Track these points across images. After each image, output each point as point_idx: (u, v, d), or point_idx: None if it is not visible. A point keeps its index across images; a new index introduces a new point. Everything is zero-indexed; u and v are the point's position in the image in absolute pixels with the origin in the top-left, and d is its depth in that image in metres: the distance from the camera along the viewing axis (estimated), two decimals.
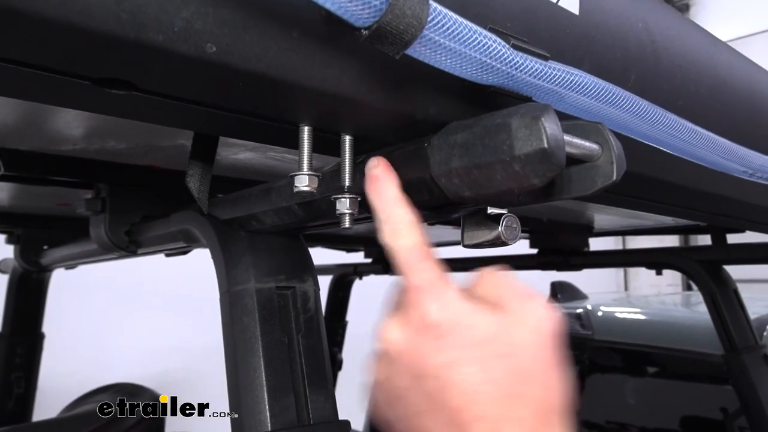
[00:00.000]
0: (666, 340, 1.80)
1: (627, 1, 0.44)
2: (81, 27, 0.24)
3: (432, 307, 0.34)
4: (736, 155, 0.50)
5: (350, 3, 0.24)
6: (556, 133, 0.30)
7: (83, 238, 1.23)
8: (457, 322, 0.34)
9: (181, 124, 0.39)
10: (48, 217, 1.30)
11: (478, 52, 0.30)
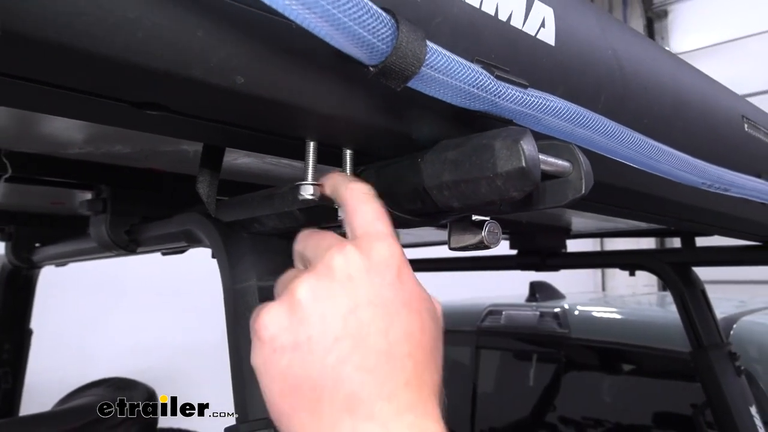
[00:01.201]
0: (639, 338, 1.87)
1: (598, 31, 0.49)
2: (133, 63, 0.29)
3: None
4: (695, 168, 0.56)
5: (362, 46, 0.29)
6: (532, 153, 0.35)
7: (77, 236, 1.26)
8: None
9: (201, 138, 0.44)
10: (41, 215, 1.33)
11: (466, 83, 0.35)
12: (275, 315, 0.36)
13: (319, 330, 0.35)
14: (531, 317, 2.04)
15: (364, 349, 0.35)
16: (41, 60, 0.28)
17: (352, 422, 0.34)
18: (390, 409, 0.34)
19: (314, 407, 0.34)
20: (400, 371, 0.35)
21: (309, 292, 0.36)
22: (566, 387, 2.33)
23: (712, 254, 1.30)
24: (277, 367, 0.35)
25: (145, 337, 3.20)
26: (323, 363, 0.34)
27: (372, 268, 0.36)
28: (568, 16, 0.46)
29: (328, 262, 0.36)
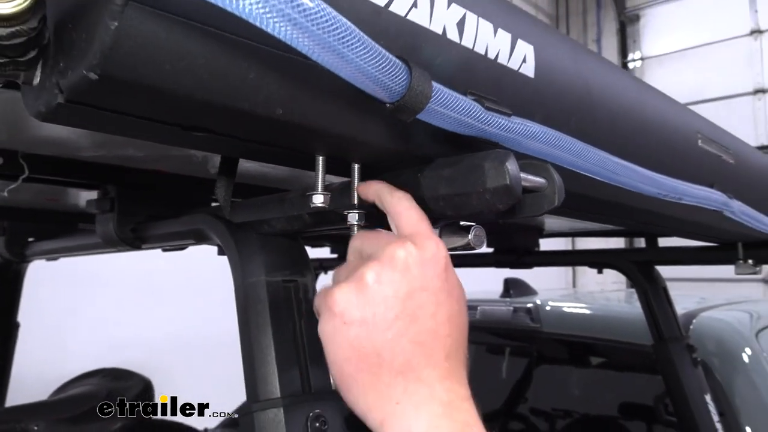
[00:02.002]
0: (607, 332, 1.97)
1: (571, 63, 0.57)
2: (198, 99, 0.35)
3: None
4: (651, 181, 0.64)
5: (383, 88, 0.36)
6: (515, 173, 0.43)
7: (71, 231, 1.31)
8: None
9: (227, 152, 0.50)
10: (35, 211, 1.36)
11: (462, 115, 0.42)
12: (346, 293, 0.44)
13: (383, 309, 0.43)
14: (505, 312, 2.13)
15: (417, 327, 0.43)
16: (123, 97, 0.35)
17: (405, 383, 0.42)
18: (434, 374, 0.43)
19: (375, 371, 0.42)
20: (442, 346, 0.44)
21: (375, 277, 0.43)
22: (537, 379, 2.44)
23: (673, 254, 1.40)
24: (346, 337, 0.43)
25: (125, 331, 3.22)
26: (384, 336, 0.43)
27: (425, 261, 0.45)
28: (546, 52, 0.53)
29: (391, 253, 0.44)
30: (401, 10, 0.40)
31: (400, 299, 0.43)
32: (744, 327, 1.86)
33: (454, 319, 0.45)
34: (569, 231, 1.72)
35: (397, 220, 0.48)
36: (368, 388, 0.43)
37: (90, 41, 0.31)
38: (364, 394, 0.43)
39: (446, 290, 0.46)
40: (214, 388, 2.81)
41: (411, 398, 0.42)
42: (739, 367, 1.71)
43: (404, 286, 0.44)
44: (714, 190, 0.80)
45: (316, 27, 0.32)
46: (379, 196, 0.49)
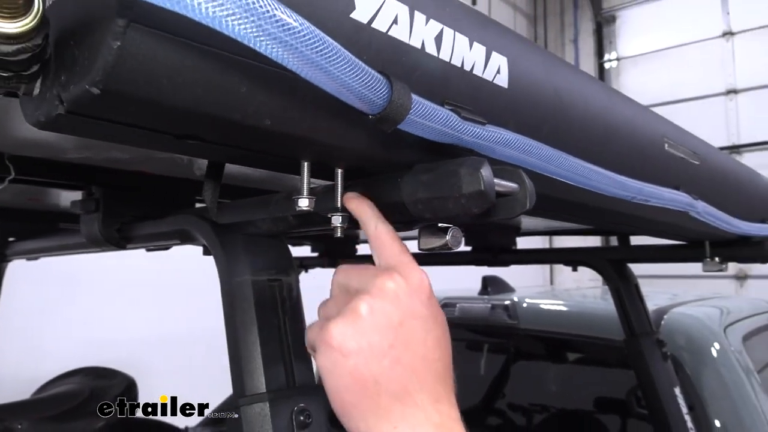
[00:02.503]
0: (582, 328, 2.02)
1: (543, 73, 0.60)
2: (193, 111, 0.38)
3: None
4: (620, 184, 0.68)
5: (366, 102, 0.39)
6: (489, 179, 0.46)
7: (52, 231, 1.31)
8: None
9: (217, 158, 0.53)
10: (16, 210, 1.37)
11: (439, 124, 0.45)
12: (342, 327, 0.46)
13: (378, 338, 0.46)
14: (483, 309, 2.17)
15: (410, 354, 0.46)
16: (121, 109, 0.37)
17: (402, 407, 0.45)
18: (427, 398, 0.46)
19: (374, 397, 0.45)
20: (434, 371, 0.47)
21: (368, 309, 0.46)
22: (515, 374, 2.48)
23: (644, 252, 1.45)
24: (345, 367, 0.46)
25: (102, 330, 3.20)
26: (381, 364, 0.46)
27: (412, 291, 0.48)
28: (519, 63, 0.56)
29: (381, 285, 0.47)
30: (383, 26, 0.43)
31: (393, 328, 0.47)
32: (713, 322, 1.92)
33: (441, 344, 0.49)
34: (545, 230, 1.76)
35: (380, 251, 0.51)
36: (368, 414, 0.46)
37: (93, 59, 0.33)
38: (365, 419, 0.46)
39: (432, 317, 0.49)
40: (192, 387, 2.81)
41: (407, 421, 0.45)
42: (708, 361, 1.77)
43: (396, 315, 0.47)
44: (680, 192, 0.84)
45: (303, 46, 0.35)
46: (363, 221, 0.52)
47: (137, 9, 0.31)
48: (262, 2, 0.33)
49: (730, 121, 6.76)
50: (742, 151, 6.65)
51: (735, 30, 6.86)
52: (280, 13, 0.34)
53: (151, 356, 3.27)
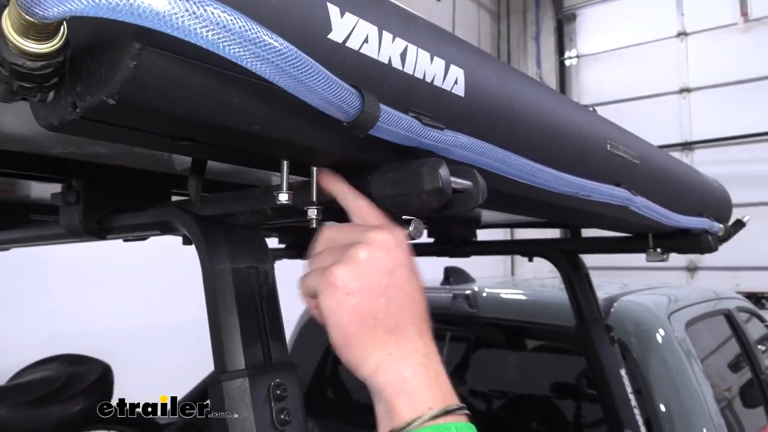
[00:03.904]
0: (538, 316, 2.12)
1: (496, 83, 0.68)
2: (191, 118, 0.44)
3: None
4: (564, 181, 0.76)
5: (341, 112, 0.46)
6: (446, 178, 0.53)
7: (29, 223, 1.34)
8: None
9: (205, 157, 0.58)
10: None
11: (404, 130, 0.52)
12: (344, 270, 0.54)
13: (376, 280, 0.54)
14: (445, 299, 2.25)
15: (401, 294, 0.55)
16: (129, 116, 0.43)
17: (396, 338, 0.54)
18: (416, 332, 0.55)
19: (372, 330, 0.53)
20: (418, 310, 0.56)
21: (367, 255, 0.54)
22: (475, 361, 2.58)
23: (594, 244, 1.56)
24: (348, 305, 0.53)
25: (67, 323, 3.18)
26: (379, 302, 0.54)
27: (398, 243, 0.56)
28: (474, 74, 0.64)
29: (374, 237, 0.55)
30: (355, 45, 0.50)
31: (387, 272, 0.54)
32: (659, 309, 2.04)
33: (420, 288, 0.58)
34: (504, 222, 1.85)
35: (364, 215, 0.59)
36: (366, 344, 0.53)
37: (111, 74, 0.39)
38: (363, 349, 0.54)
39: (413, 267, 0.58)
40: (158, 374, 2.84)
41: (400, 350, 0.53)
42: (653, 346, 1.88)
43: (389, 262, 0.55)
44: (620, 188, 0.93)
45: (286, 65, 0.41)
46: (341, 197, 0.60)
47: (151, 34, 0.37)
48: (253, 29, 0.39)
49: (683, 118, 7.02)
50: (694, 148, 6.91)
51: (689, 31, 7.12)
52: (267, 37, 0.40)
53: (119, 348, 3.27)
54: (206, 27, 0.37)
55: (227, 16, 0.37)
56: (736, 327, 2.51)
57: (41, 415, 1.15)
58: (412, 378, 0.53)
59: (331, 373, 2.70)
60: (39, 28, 0.37)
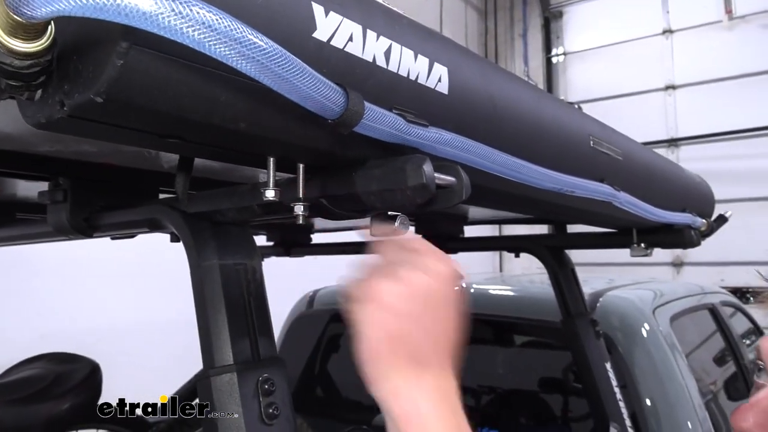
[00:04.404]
0: (526, 312, 2.14)
1: (480, 81, 0.69)
2: (178, 116, 0.44)
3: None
4: (547, 177, 0.77)
5: (326, 110, 0.47)
6: (430, 174, 0.54)
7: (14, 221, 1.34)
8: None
9: (192, 154, 0.59)
10: None
11: (388, 127, 0.53)
12: (391, 287, 0.54)
13: (419, 307, 0.55)
14: None
15: (437, 328, 0.55)
16: (116, 114, 0.43)
17: (419, 369, 0.54)
18: (439, 367, 0.55)
19: (399, 354, 0.54)
20: (447, 348, 0.56)
21: (420, 281, 0.55)
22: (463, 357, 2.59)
23: (579, 239, 1.58)
24: (384, 321, 0.54)
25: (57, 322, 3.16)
26: (413, 329, 0.54)
27: (452, 278, 0.57)
28: (458, 72, 0.65)
29: (433, 266, 0.56)
30: (340, 44, 0.50)
31: (434, 305, 0.55)
32: (645, 304, 2.06)
33: (457, 328, 0.58)
34: (490, 219, 1.86)
35: (422, 247, 0.60)
36: (389, 366, 0.54)
37: (98, 73, 0.40)
38: (385, 370, 0.54)
39: (458, 305, 0.58)
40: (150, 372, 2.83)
41: (420, 382, 0.53)
42: (639, 340, 1.90)
43: (438, 294, 0.56)
44: (603, 184, 0.95)
45: (272, 63, 0.42)
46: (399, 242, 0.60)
47: (138, 34, 0.38)
48: (238, 28, 0.40)
49: (669, 115, 7.08)
50: (679, 144, 6.98)
51: (674, 28, 7.18)
52: (252, 36, 0.41)
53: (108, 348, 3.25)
54: (192, 26, 0.37)
55: (213, 16, 0.38)
56: (721, 321, 2.55)
57: (29, 414, 1.15)
58: (426, 410, 0.53)
59: (319, 371, 2.71)
60: (27, 27, 0.37)
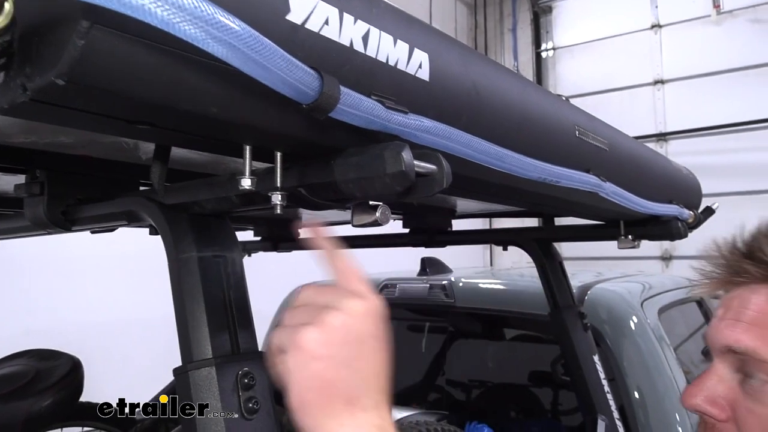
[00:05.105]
0: (514, 305, 2.13)
1: (462, 68, 0.68)
2: (147, 100, 0.43)
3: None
4: (531, 166, 0.76)
5: (299, 93, 0.45)
6: (410, 161, 0.53)
7: None
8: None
9: (167, 142, 0.58)
10: None
11: (366, 113, 0.52)
12: (316, 334, 0.54)
13: (344, 350, 0.54)
14: (421, 289, 2.26)
15: (366, 367, 0.55)
16: (80, 97, 0.42)
17: (351, 410, 0.53)
18: (372, 405, 0.54)
19: (330, 398, 0.53)
20: (379, 384, 0.56)
21: (340, 323, 0.54)
22: (453, 352, 2.60)
23: (567, 231, 1.57)
24: (311, 369, 0.53)
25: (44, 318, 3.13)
26: (342, 371, 0.54)
27: (373, 314, 0.56)
28: (439, 59, 0.63)
29: (351, 305, 0.56)
30: (315, 27, 0.49)
31: (357, 343, 0.55)
32: (632, 297, 2.07)
33: (386, 361, 0.57)
34: (479, 212, 1.86)
35: (345, 276, 0.59)
36: (321, 412, 0.53)
37: (59, 54, 0.38)
38: (317, 416, 0.53)
39: (383, 338, 0.57)
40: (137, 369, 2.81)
41: (354, 421, 0.53)
42: (627, 333, 1.90)
43: (361, 332, 0.55)
44: (589, 174, 0.94)
45: (242, 45, 0.41)
46: (327, 251, 0.60)
47: (100, 12, 0.37)
48: (207, 9, 0.38)
49: (657, 110, 7.09)
50: (668, 139, 7.00)
51: (663, 23, 7.19)
52: (222, 17, 0.39)
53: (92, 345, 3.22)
54: (157, 4, 0.36)
55: None
56: (709, 314, 2.56)
57: (9, 411, 1.13)
58: None
59: None
60: None
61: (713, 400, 0.69)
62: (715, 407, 0.69)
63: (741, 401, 0.67)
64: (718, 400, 0.69)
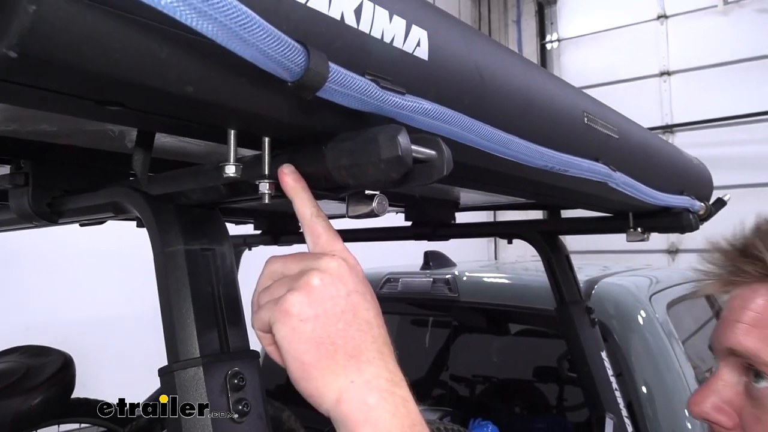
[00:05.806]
0: (519, 299, 2.09)
1: (463, 47, 0.63)
2: (109, 75, 0.39)
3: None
4: (538, 153, 0.72)
5: (284, 69, 0.41)
6: (406, 145, 0.49)
7: None
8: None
9: (144, 126, 0.53)
10: None
11: (358, 93, 0.47)
12: (298, 297, 0.52)
13: (331, 305, 0.52)
14: (425, 283, 2.22)
15: (359, 319, 0.52)
16: (39, 73, 0.38)
17: (357, 364, 0.51)
18: (378, 356, 0.52)
19: (331, 356, 0.50)
20: (379, 335, 0.53)
21: (320, 281, 0.52)
22: (457, 346, 2.56)
23: (574, 224, 1.52)
24: (304, 332, 0.51)
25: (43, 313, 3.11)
26: (336, 327, 0.51)
27: (351, 269, 0.54)
28: (438, 37, 0.59)
29: (326, 264, 0.53)
30: None
31: (342, 297, 0.52)
32: (640, 291, 2.03)
33: (379, 315, 0.55)
34: (483, 204, 1.81)
35: (316, 238, 0.57)
36: (326, 372, 0.50)
37: (9, 22, 0.34)
38: (323, 378, 0.50)
39: (369, 293, 0.55)
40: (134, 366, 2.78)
41: (362, 376, 0.51)
42: (635, 327, 1.87)
43: (342, 287, 0.53)
44: (598, 163, 0.90)
45: (221, 15, 0.36)
46: (297, 206, 0.57)
47: None
48: None
49: (664, 101, 7.01)
50: (675, 131, 6.92)
51: (669, 13, 7.10)
52: None
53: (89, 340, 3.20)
54: None
55: None
56: (717, 308, 2.51)
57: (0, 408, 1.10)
58: (376, 405, 0.50)
59: None
60: None
61: (720, 408, 0.66)
62: (722, 415, 0.66)
63: (748, 408, 0.65)
64: (725, 407, 0.66)
